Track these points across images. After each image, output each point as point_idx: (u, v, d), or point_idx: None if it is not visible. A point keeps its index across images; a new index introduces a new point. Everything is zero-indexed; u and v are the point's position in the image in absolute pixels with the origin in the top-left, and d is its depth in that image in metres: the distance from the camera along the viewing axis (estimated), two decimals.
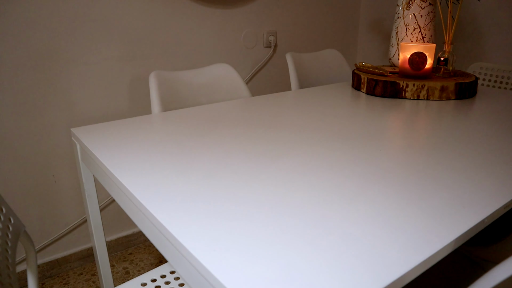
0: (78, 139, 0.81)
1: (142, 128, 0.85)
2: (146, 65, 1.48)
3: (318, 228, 0.47)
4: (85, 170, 0.84)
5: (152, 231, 0.53)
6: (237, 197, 0.54)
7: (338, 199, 0.54)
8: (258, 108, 1.03)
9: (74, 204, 1.44)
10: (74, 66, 1.32)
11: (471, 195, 0.55)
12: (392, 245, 0.43)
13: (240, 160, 0.67)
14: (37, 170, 1.33)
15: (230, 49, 1.71)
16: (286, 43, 1.89)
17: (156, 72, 1.13)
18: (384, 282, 0.38)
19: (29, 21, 1.21)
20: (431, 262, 0.43)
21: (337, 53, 1.63)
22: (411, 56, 1.14)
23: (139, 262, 1.54)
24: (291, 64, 1.41)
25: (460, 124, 0.88)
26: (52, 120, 1.32)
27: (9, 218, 0.64)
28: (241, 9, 1.69)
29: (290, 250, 0.42)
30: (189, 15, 1.53)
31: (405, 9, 1.27)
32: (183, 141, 0.77)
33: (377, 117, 0.94)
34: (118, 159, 0.68)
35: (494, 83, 1.55)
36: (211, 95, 1.23)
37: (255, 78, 1.83)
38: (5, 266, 0.57)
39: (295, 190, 0.56)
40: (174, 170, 0.63)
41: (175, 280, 0.88)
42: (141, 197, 0.54)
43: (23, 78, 1.24)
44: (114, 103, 1.44)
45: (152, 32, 1.46)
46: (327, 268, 0.39)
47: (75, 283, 1.42)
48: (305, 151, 0.71)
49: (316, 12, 1.96)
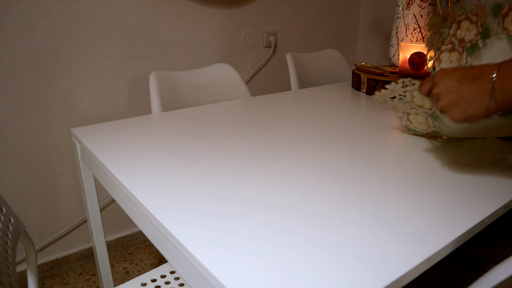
0: (78, 139, 0.81)
1: (142, 128, 0.85)
2: (146, 65, 1.48)
3: (318, 228, 0.47)
4: (85, 170, 0.84)
5: (152, 231, 0.53)
6: (237, 197, 0.54)
7: (338, 199, 0.54)
8: (258, 108, 1.02)
9: (74, 204, 1.44)
10: (74, 66, 1.32)
11: (471, 195, 0.55)
12: (392, 245, 0.43)
13: (240, 160, 0.67)
14: (37, 170, 1.33)
15: (230, 49, 1.71)
16: (286, 43, 1.89)
17: (156, 72, 1.13)
18: (384, 282, 0.38)
19: (29, 21, 1.21)
20: (431, 262, 0.43)
21: (337, 53, 1.63)
22: (411, 56, 1.14)
23: (139, 262, 1.54)
24: (291, 64, 1.41)
25: None
26: (52, 120, 1.32)
27: (9, 218, 0.64)
28: (241, 9, 1.69)
29: (290, 250, 0.42)
30: (189, 15, 1.53)
31: (405, 9, 1.27)
32: (183, 141, 0.77)
33: (377, 117, 0.94)
34: (118, 159, 0.68)
35: None
36: (211, 95, 1.23)
37: (255, 78, 1.83)
38: (5, 266, 0.57)
39: (295, 190, 0.56)
40: (174, 170, 0.63)
41: (175, 280, 0.88)
42: (141, 197, 0.54)
43: (23, 78, 1.24)
44: (114, 103, 1.44)
45: (152, 32, 1.46)
46: (327, 268, 0.39)
47: (75, 283, 1.42)
48: (305, 151, 0.71)
49: (316, 12, 1.96)
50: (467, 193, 0.55)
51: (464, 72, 0.50)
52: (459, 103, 0.49)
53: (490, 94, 0.46)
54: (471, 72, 0.49)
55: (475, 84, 0.48)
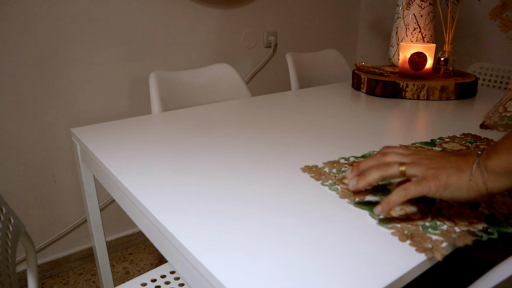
0: (78, 139, 0.81)
1: (142, 128, 0.85)
2: (146, 65, 1.48)
3: (318, 227, 0.47)
4: (85, 170, 0.84)
5: (152, 231, 0.53)
6: (237, 197, 0.54)
7: (338, 198, 0.54)
8: (258, 108, 1.02)
9: (74, 204, 1.44)
10: (74, 66, 1.32)
11: None
12: (392, 245, 0.43)
13: (240, 160, 0.67)
14: (37, 170, 1.33)
15: (230, 49, 1.71)
16: (286, 43, 1.89)
17: (156, 72, 1.13)
18: (384, 282, 0.38)
19: (29, 21, 1.21)
20: (431, 262, 0.42)
21: (337, 53, 1.63)
22: (411, 56, 1.14)
23: (139, 262, 1.54)
24: (291, 64, 1.41)
25: (460, 124, 0.88)
26: (52, 120, 1.32)
27: (9, 218, 0.64)
28: (241, 9, 1.69)
29: (290, 250, 0.42)
30: (189, 15, 1.53)
31: (405, 9, 1.27)
32: (183, 141, 0.77)
33: (377, 117, 0.94)
34: (118, 159, 0.68)
35: (494, 83, 1.55)
36: (211, 95, 1.23)
37: (255, 78, 1.83)
38: (5, 266, 0.57)
39: (295, 189, 0.56)
40: (174, 170, 0.63)
41: (175, 280, 0.88)
42: (141, 197, 0.54)
43: (23, 78, 1.24)
44: (114, 103, 1.44)
45: (152, 32, 1.46)
46: (327, 268, 0.39)
47: (75, 283, 1.42)
48: (305, 151, 0.71)
49: (316, 12, 1.96)
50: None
51: (447, 152, 0.48)
52: (444, 167, 0.45)
53: (476, 164, 0.43)
54: (455, 152, 0.47)
55: (462, 157, 0.45)
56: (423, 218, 0.47)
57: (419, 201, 0.51)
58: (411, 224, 0.46)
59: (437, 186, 0.44)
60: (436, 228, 0.46)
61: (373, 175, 0.49)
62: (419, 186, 0.45)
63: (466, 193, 0.44)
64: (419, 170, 0.46)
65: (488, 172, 0.43)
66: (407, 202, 0.51)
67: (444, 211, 0.49)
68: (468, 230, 0.46)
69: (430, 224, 0.46)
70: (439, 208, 0.50)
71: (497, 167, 0.42)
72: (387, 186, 0.56)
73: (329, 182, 0.57)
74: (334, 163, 0.64)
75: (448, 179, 0.44)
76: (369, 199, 0.52)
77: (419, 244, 0.42)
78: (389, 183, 0.56)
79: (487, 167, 0.43)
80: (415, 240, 0.43)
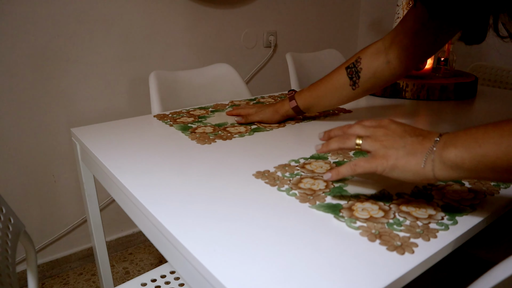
0: (78, 139, 0.81)
1: (142, 128, 0.85)
2: (146, 65, 1.48)
3: (318, 227, 0.47)
4: (85, 170, 0.84)
5: (152, 231, 0.53)
6: (237, 197, 0.54)
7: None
8: None
9: (74, 204, 1.44)
10: (74, 66, 1.32)
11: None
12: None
13: (240, 160, 0.67)
14: (37, 170, 1.33)
15: (230, 49, 1.71)
16: (286, 43, 1.89)
17: (156, 72, 1.13)
18: (384, 282, 0.38)
19: (29, 21, 1.21)
20: (431, 262, 0.43)
21: (337, 53, 1.63)
22: None
23: (139, 262, 1.54)
24: (291, 64, 1.41)
25: (460, 124, 0.88)
26: (52, 120, 1.32)
27: (9, 218, 0.64)
28: (241, 9, 1.69)
29: (289, 250, 0.42)
30: (189, 15, 1.53)
31: (405, 9, 1.27)
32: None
33: (377, 117, 0.94)
34: (118, 159, 0.68)
35: (494, 83, 1.55)
36: (211, 95, 1.23)
37: (255, 78, 1.83)
38: (5, 266, 0.57)
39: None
40: (174, 170, 0.63)
41: (175, 280, 0.88)
42: (141, 197, 0.54)
43: (23, 78, 1.24)
44: (114, 103, 1.44)
45: (152, 32, 1.46)
46: (327, 268, 0.39)
47: (75, 283, 1.42)
48: (304, 151, 0.71)
49: (316, 12, 1.96)
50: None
51: (412, 128, 0.49)
52: (397, 148, 0.46)
53: (430, 151, 0.44)
54: (418, 130, 0.48)
55: (419, 140, 0.46)
56: (385, 216, 0.48)
57: (376, 199, 0.52)
58: (376, 222, 0.47)
59: (384, 166, 0.46)
60: (400, 224, 0.47)
61: (332, 145, 0.52)
62: (367, 164, 0.47)
63: (411, 176, 0.46)
64: (372, 146, 0.48)
65: (440, 162, 0.44)
66: (367, 201, 0.52)
67: (403, 207, 0.50)
68: (429, 222, 0.47)
69: (394, 221, 0.47)
70: (397, 204, 0.51)
71: (450, 160, 0.43)
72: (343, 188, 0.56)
73: (285, 187, 0.57)
74: (285, 167, 0.64)
75: (396, 161, 0.46)
76: (329, 202, 0.52)
77: (388, 242, 0.43)
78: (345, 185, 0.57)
79: (441, 157, 0.44)
80: (383, 239, 0.44)
